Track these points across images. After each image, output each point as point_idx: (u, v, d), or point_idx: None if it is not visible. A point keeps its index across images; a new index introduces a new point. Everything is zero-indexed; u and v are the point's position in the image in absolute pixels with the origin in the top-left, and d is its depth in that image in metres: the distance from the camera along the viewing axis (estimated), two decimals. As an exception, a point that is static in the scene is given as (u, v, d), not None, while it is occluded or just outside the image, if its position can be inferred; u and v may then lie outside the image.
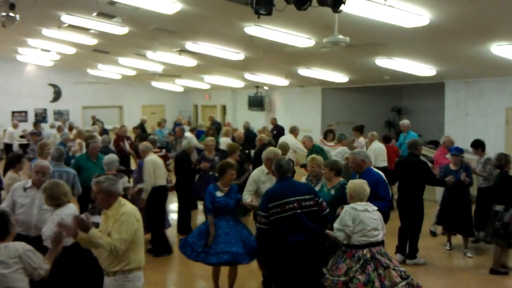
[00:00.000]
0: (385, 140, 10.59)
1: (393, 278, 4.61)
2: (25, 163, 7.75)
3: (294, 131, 11.24)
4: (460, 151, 7.69)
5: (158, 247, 7.72)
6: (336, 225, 4.81)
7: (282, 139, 10.34)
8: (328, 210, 4.90)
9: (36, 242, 4.97)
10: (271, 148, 6.72)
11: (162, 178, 7.85)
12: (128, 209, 4.17)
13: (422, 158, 7.86)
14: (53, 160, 6.96)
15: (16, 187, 5.61)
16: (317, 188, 5.59)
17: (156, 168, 7.71)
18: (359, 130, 11.42)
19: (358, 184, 5.00)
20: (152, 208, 7.66)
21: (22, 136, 18.40)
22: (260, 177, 6.12)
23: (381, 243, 4.90)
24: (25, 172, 7.60)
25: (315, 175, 5.96)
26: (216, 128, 14.01)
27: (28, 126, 19.96)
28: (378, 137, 10.67)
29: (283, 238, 4.66)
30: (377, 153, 9.85)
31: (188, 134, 13.32)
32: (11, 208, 5.38)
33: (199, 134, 13.78)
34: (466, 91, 12.01)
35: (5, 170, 7.16)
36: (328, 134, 11.07)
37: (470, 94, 11.93)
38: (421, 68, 11.01)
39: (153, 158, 7.84)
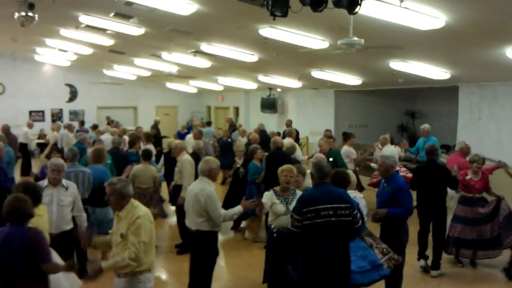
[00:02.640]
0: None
1: (376, 255, 5.08)
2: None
3: (290, 134, 11.05)
4: None
5: (184, 245, 7.87)
6: None
7: None
8: (361, 223, 4.85)
9: (58, 239, 5.08)
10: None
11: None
12: (142, 211, 4.19)
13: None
14: (67, 161, 6.99)
15: None
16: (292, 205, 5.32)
17: (192, 167, 7.86)
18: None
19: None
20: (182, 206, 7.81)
21: (40, 136, 18.68)
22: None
23: None
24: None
25: (286, 189, 5.62)
26: (233, 130, 14.10)
27: (45, 126, 20.27)
28: (390, 140, 10.63)
29: (313, 244, 4.60)
30: None
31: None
32: None
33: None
34: (480, 95, 11.96)
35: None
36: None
37: (484, 98, 11.87)
38: (435, 72, 10.99)
39: (189, 158, 8.03)
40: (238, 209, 5.54)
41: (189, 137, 12.55)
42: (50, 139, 16.44)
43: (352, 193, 5.33)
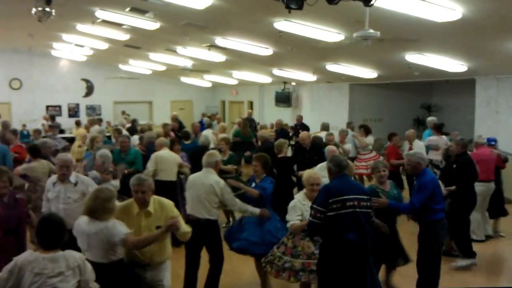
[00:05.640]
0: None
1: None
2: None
3: (325, 129, 11.14)
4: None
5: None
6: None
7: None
8: (374, 217, 4.84)
9: (71, 235, 4.99)
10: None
11: (165, 173, 8.11)
12: (168, 204, 4.51)
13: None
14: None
15: (48, 183, 5.71)
16: None
17: (159, 162, 8.11)
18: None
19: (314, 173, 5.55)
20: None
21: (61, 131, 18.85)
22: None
23: None
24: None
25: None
26: (250, 125, 14.09)
27: (62, 121, 20.48)
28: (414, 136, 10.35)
29: (339, 235, 4.53)
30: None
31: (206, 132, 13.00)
32: (47, 207, 5.53)
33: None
34: (498, 88, 11.84)
35: None
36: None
37: (501, 91, 11.76)
38: (452, 64, 10.90)
39: (160, 153, 8.27)
40: (255, 210, 5.71)
41: (208, 131, 12.55)
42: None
43: None
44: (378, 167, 5.71)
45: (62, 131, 18.55)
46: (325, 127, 11.27)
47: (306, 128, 14.91)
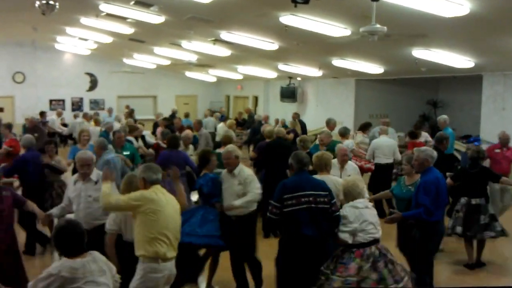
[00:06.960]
0: (411, 136, 10.17)
1: (399, 273, 4.59)
2: None
3: (329, 124, 11.04)
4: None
5: None
6: (341, 226, 4.65)
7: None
8: (340, 212, 4.73)
9: (91, 235, 4.82)
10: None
11: None
12: (151, 192, 4.34)
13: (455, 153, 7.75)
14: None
15: (70, 182, 5.61)
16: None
17: None
18: None
19: (351, 181, 4.96)
20: None
21: (64, 124, 18.88)
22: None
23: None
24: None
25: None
26: (252, 121, 14.03)
27: (66, 115, 20.46)
28: (387, 131, 10.23)
29: (296, 230, 4.61)
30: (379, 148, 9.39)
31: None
32: (66, 204, 5.45)
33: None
34: (504, 85, 11.75)
35: None
36: None
37: (508, 87, 11.66)
38: (459, 60, 10.80)
39: None
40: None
41: (220, 126, 12.51)
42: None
43: (364, 203, 4.87)
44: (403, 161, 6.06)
45: (65, 126, 18.57)
46: (329, 123, 11.06)
47: (303, 125, 14.78)
